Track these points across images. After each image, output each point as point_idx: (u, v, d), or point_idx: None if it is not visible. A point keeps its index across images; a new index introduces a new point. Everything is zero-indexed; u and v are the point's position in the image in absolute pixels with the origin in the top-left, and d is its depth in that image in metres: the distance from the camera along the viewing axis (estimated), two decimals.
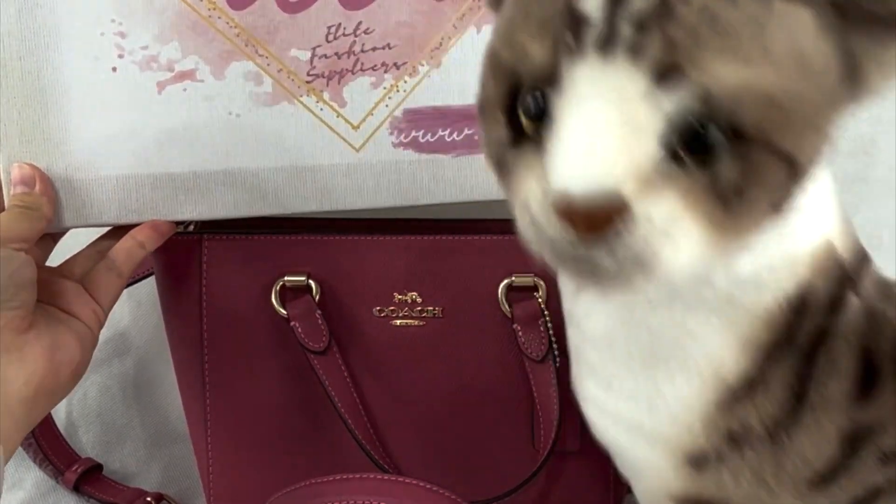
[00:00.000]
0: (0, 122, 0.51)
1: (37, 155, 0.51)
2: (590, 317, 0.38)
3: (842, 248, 0.37)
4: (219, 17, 0.52)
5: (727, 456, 0.37)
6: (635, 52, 0.28)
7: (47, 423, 0.64)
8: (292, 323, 0.55)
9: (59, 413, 0.68)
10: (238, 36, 0.52)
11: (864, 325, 0.36)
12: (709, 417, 0.36)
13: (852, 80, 0.31)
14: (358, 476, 0.50)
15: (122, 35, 0.51)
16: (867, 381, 0.36)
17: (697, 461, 0.38)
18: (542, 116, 0.30)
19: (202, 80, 0.52)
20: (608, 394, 0.39)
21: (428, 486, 0.49)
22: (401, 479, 0.51)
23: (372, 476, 0.51)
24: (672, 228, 0.29)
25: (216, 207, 0.53)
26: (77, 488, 0.64)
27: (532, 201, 0.30)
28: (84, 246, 0.54)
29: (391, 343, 0.57)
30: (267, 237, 0.57)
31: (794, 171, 0.30)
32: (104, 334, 0.52)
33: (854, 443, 0.36)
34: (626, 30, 0.28)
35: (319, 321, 0.55)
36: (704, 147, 0.28)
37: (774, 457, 0.36)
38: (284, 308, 0.56)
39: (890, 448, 0.36)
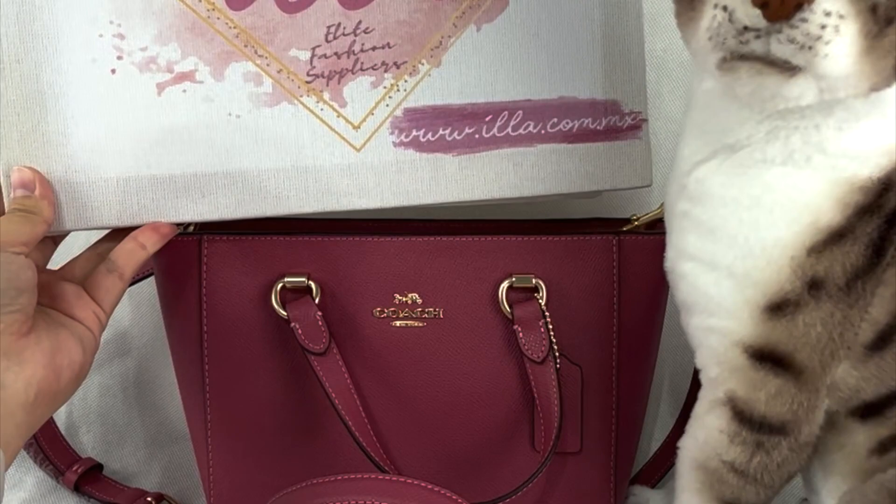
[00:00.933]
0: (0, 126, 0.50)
1: (36, 158, 0.50)
2: (705, 181, 0.43)
3: None
4: (218, 18, 0.51)
5: (805, 303, 0.41)
6: None
7: (48, 423, 0.63)
8: (292, 324, 0.54)
9: (60, 413, 0.68)
10: (237, 36, 0.51)
11: None
12: (798, 261, 0.41)
13: None
14: (360, 476, 0.50)
15: (121, 37, 0.50)
16: None
17: (777, 307, 0.42)
18: None
19: (202, 82, 0.51)
20: (709, 241, 0.43)
21: (430, 487, 0.49)
22: (402, 479, 0.50)
23: (374, 476, 0.51)
24: (841, 24, 0.34)
25: (217, 209, 0.52)
26: (77, 488, 0.63)
27: None
28: (82, 247, 0.53)
29: (391, 344, 0.56)
30: (267, 238, 0.56)
31: None
32: (105, 334, 0.52)
33: None
34: None
35: (319, 322, 0.55)
36: None
37: (846, 309, 0.41)
38: (284, 309, 0.55)
39: None
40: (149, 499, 0.61)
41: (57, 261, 0.52)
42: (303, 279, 0.55)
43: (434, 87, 0.52)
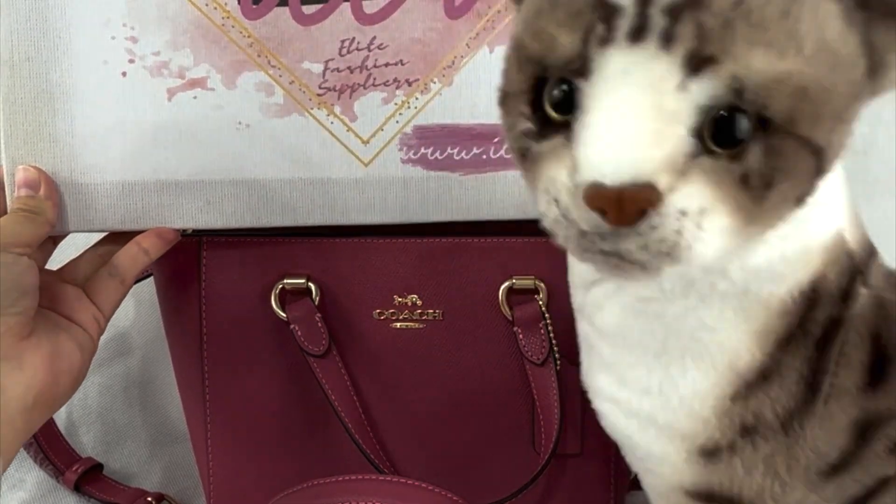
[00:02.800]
0: (6, 124, 0.48)
1: (42, 157, 0.49)
2: (602, 310, 0.37)
3: (852, 240, 0.36)
4: (232, 27, 0.49)
5: (740, 448, 0.36)
6: (667, 40, 0.27)
7: (48, 423, 0.62)
8: (292, 326, 0.53)
9: (60, 413, 0.67)
10: (251, 46, 0.49)
11: (874, 315, 0.35)
12: (723, 409, 0.35)
13: (875, 73, 0.30)
14: (360, 477, 0.49)
15: (134, 40, 0.49)
16: (877, 371, 0.35)
17: (710, 453, 0.36)
18: (569, 107, 0.29)
19: (213, 89, 0.49)
20: (621, 387, 0.38)
21: (430, 487, 0.48)
22: (402, 480, 0.49)
23: (374, 477, 0.50)
24: (703, 219, 0.28)
25: (221, 217, 0.51)
26: (78, 488, 0.62)
27: (562, 192, 0.29)
28: (79, 245, 0.51)
29: (391, 346, 0.55)
30: (266, 239, 0.54)
31: (820, 162, 0.29)
32: (105, 334, 0.50)
33: (865, 432, 0.35)
34: (658, 18, 0.27)
35: (319, 324, 0.53)
36: (733, 138, 0.28)
37: (787, 448, 0.36)
38: (284, 311, 0.54)
39: None
40: (149, 499, 0.60)
41: (55, 260, 0.50)
42: (302, 280, 0.54)
43: (444, 106, 0.51)
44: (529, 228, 0.55)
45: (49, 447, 0.62)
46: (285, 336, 0.54)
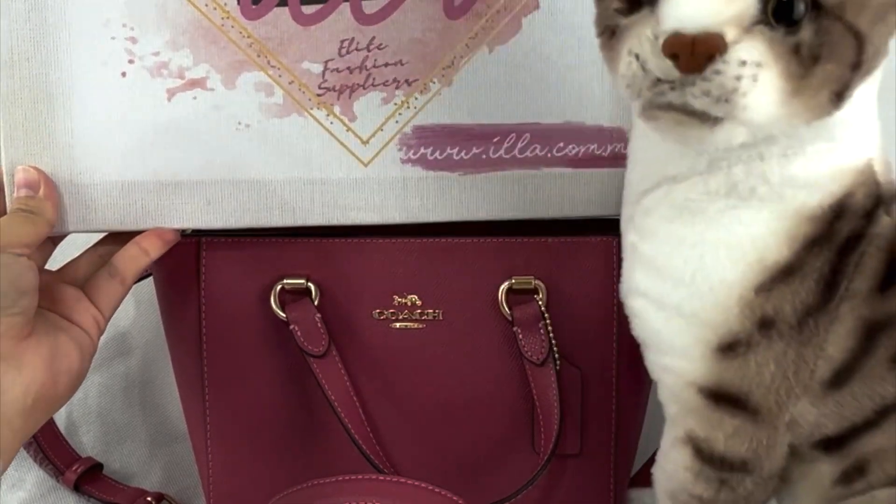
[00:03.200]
0: (5, 124, 0.48)
1: (42, 158, 0.48)
2: (650, 214, 0.40)
3: (880, 171, 0.39)
4: (232, 27, 0.49)
5: (756, 343, 0.38)
6: None
7: (48, 422, 0.61)
8: (291, 326, 0.53)
9: (60, 413, 0.65)
10: (251, 46, 0.49)
11: (891, 237, 0.38)
12: (747, 300, 0.38)
13: None
14: (360, 477, 0.49)
15: (133, 40, 0.48)
16: (889, 279, 0.38)
17: (728, 347, 0.39)
18: None
19: (212, 89, 0.49)
20: (656, 279, 0.40)
21: (430, 488, 0.48)
22: (401, 480, 0.49)
23: (374, 477, 0.50)
24: (759, 72, 0.32)
25: (221, 216, 0.50)
26: (77, 488, 0.61)
27: (644, 44, 0.33)
28: (78, 244, 0.51)
29: (391, 346, 0.54)
30: (266, 240, 0.54)
31: (860, 53, 0.33)
32: (105, 334, 0.50)
33: (871, 335, 0.38)
34: None
35: (319, 324, 0.53)
36: (790, 17, 0.32)
37: (799, 347, 0.38)
38: (284, 311, 0.53)
39: None
40: (149, 498, 0.60)
41: (55, 260, 0.50)
42: (302, 281, 0.53)
43: (444, 106, 0.50)
44: (529, 228, 0.55)
45: (49, 447, 0.62)
46: (285, 336, 0.53)
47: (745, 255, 0.38)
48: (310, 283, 0.54)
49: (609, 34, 0.36)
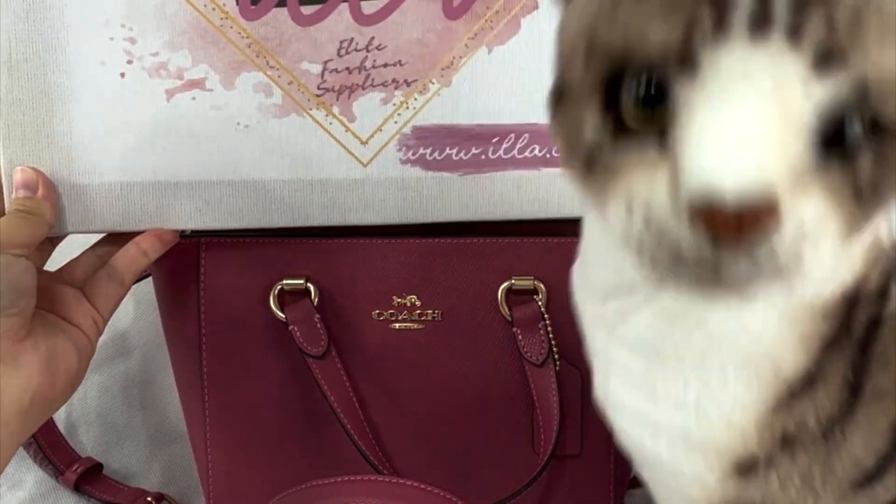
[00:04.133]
0: (4, 125, 0.47)
1: (40, 158, 0.48)
2: (627, 321, 0.34)
3: (884, 238, 0.34)
4: (231, 27, 0.48)
5: (778, 460, 0.33)
6: (794, 32, 0.24)
7: (47, 422, 0.61)
8: (291, 327, 0.52)
9: (60, 413, 0.66)
10: (250, 47, 0.48)
11: None
12: (765, 421, 0.33)
13: None
14: (359, 478, 0.48)
15: (132, 41, 0.48)
16: None
17: (746, 468, 0.34)
18: (654, 104, 0.25)
19: (211, 90, 0.48)
20: (650, 403, 0.34)
21: (429, 488, 0.47)
22: (401, 480, 0.48)
23: (374, 478, 0.49)
24: (819, 230, 0.25)
25: (220, 218, 0.50)
26: (77, 488, 0.61)
27: (654, 201, 0.25)
28: (77, 245, 0.51)
29: (390, 347, 0.54)
30: (265, 240, 0.53)
31: None
32: (105, 334, 0.49)
33: None
34: (781, 8, 0.23)
35: (318, 325, 0.53)
36: (846, 146, 0.25)
37: (826, 458, 0.33)
38: (283, 312, 0.53)
39: None
40: (149, 498, 0.59)
41: (53, 260, 0.50)
42: (301, 281, 0.53)
43: (443, 107, 0.50)
44: (529, 228, 0.54)
45: (49, 447, 0.61)
46: (284, 337, 0.53)
47: (758, 371, 0.32)
48: (309, 284, 0.53)
49: (585, 164, 0.27)
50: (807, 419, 0.32)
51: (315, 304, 0.53)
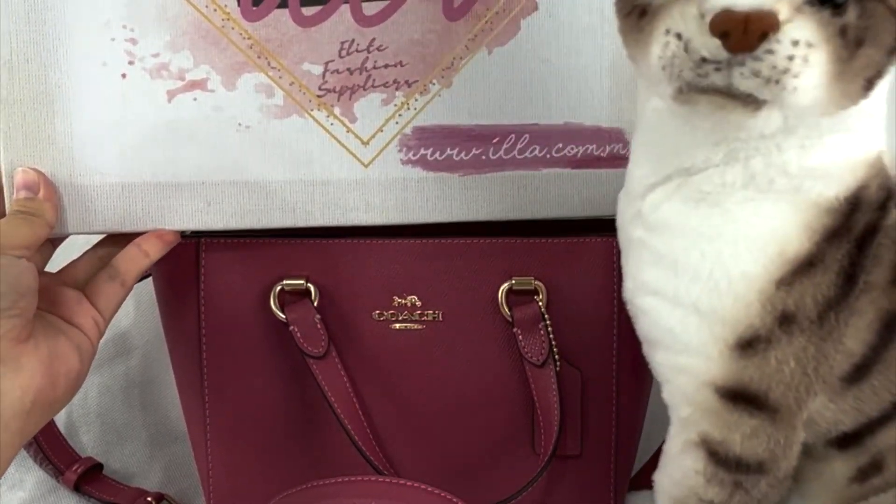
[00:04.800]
0: (5, 125, 0.47)
1: (41, 159, 0.48)
2: (660, 209, 0.39)
3: (888, 165, 0.39)
4: (232, 28, 0.48)
5: (776, 338, 0.37)
6: None
7: (47, 423, 0.59)
8: (291, 327, 0.52)
9: (60, 413, 0.62)
10: (251, 48, 0.48)
11: None
12: (768, 294, 0.37)
13: None
14: (359, 478, 0.48)
15: (134, 41, 0.48)
16: None
17: (747, 344, 0.37)
18: None
19: (213, 91, 0.48)
20: (671, 275, 0.38)
21: (429, 489, 0.47)
22: (401, 481, 0.48)
23: (373, 478, 0.49)
24: (810, 52, 0.30)
25: (222, 218, 0.50)
26: (77, 488, 0.60)
27: (688, 23, 0.31)
28: (77, 245, 0.50)
29: (390, 347, 0.54)
30: (265, 240, 0.53)
31: None
32: (104, 335, 0.49)
33: (890, 327, 0.37)
34: None
35: (318, 325, 0.52)
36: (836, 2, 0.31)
37: (820, 342, 0.37)
38: (283, 312, 0.53)
39: None
40: (149, 499, 0.59)
41: (54, 260, 0.49)
42: (301, 282, 0.53)
43: (444, 107, 0.50)
44: (529, 229, 0.54)
45: (49, 447, 0.61)
46: (284, 337, 0.53)
47: (765, 247, 0.37)
48: (309, 284, 0.53)
49: (638, 14, 0.34)
50: (805, 298, 0.37)
51: (315, 304, 0.53)
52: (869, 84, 0.34)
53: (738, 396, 0.38)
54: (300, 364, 0.53)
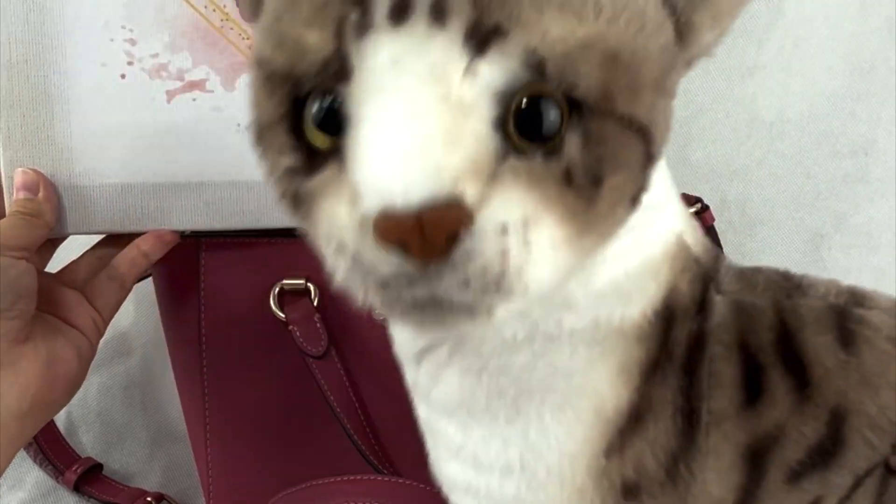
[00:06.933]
0: (4, 126, 0.47)
1: (41, 160, 0.47)
2: (439, 382, 0.31)
3: (693, 244, 0.31)
4: (231, 28, 0.48)
5: None
6: (439, 14, 0.21)
7: (47, 423, 0.59)
8: (291, 327, 0.52)
9: (59, 413, 0.63)
10: (250, 48, 0.48)
11: (736, 322, 0.30)
12: (599, 470, 0.29)
13: (684, 39, 0.25)
14: (359, 477, 0.48)
15: (133, 42, 0.48)
16: (753, 384, 0.29)
17: None
18: (339, 124, 0.23)
19: (212, 91, 0.48)
20: (477, 472, 0.31)
21: (429, 489, 0.46)
22: (401, 480, 0.48)
23: (373, 477, 0.49)
24: (529, 233, 0.22)
25: (221, 218, 0.50)
26: (77, 488, 0.60)
27: (345, 232, 0.22)
28: (77, 246, 0.50)
29: (391, 347, 0.53)
30: (265, 240, 0.53)
31: (648, 145, 0.24)
32: (105, 334, 0.49)
33: (757, 460, 0.30)
34: None
35: (318, 325, 0.52)
36: (543, 130, 0.22)
37: (680, 502, 0.30)
38: (283, 312, 0.53)
39: (795, 458, 0.29)
40: (149, 499, 0.59)
41: (54, 261, 0.49)
42: (301, 281, 0.53)
43: None
44: None
45: (49, 447, 0.61)
46: (284, 337, 0.53)
47: (578, 413, 0.29)
48: (309, 284, 0.53)
49: (291, 200, 0.25)
50: (644, 460, 0.29)
51: (315, 303, 0.53)
52: (633, 202, 0.25)
53: None
54: (300, 364, 0.53)
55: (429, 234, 0.21)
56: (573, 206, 0.23)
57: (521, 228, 0.22)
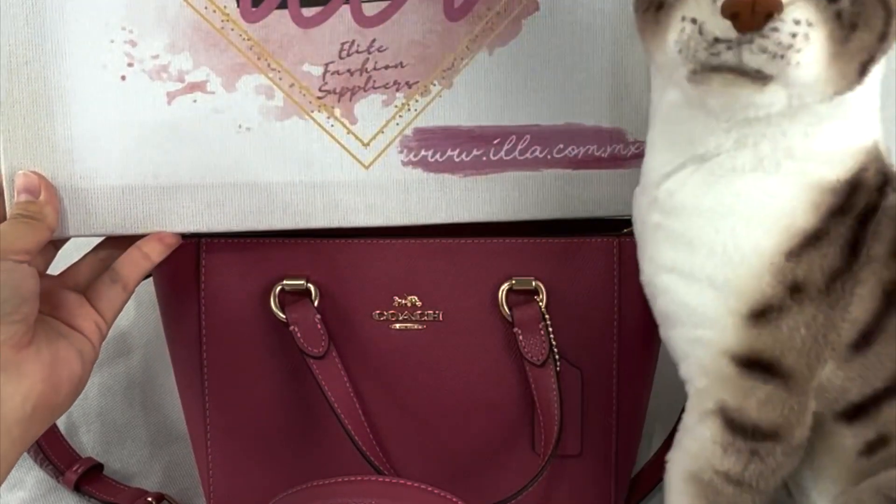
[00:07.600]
0: (5, 128, 0.47)
1: (41, 162, 0.47)
2: (675, 194, 0.42)
3: (883, 150, 0.42)
4: (232, 29, 0.48)
5: (787, 308, 0.40)
6: None
7: None
8: (291, 327, 0.52)
9: None
10: (251, 49, 0.48)
11: None
12: (778, 266, 0.40)
13: None
14: (359, 478, 0.49)
15: (133, 43, 0.48)
16: None
17: (761, 312, 0.40)
18: None
19: (213, 92, 0.48)
20: (687, 252, 0.41)
21: (429, 489, 0.47)
22: (401, 481, 0.48)
23: (373, 478, 0.49)
24: (810, 32, 0.34)
25: (222, 220, 0.50)
26: (78, 488, 0.60)
27: (702, 8, 0.35)
28: (77, 246, 0.50)
29: (391, 347, 0.54)
30: (265, 241, 0.53)
31: (887, 24, 0.36)
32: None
33: (892, 297, 0.40)
34: None
35: (318, 325, 0.52)
36: None
37: (828, 311, 0.40)
38: (283, 312, 0.53)
39: None
40: (149, 499, 0.58)
41: (55, 263, 0.49)
42: (301, 282, 0.53)
43: (444, 108, 0.50)
44: (529, 229, 0.54)
45: (49, 447, 0.60)
46: (285, 337, 0.53)
47: (775, 222, 0.40)
48: (309, 284, 0.53)
49: (655, 8, 0.38)
50: (813, 269, 0.40)
51: (315, 304, 0.53)
52: (863, 69, 0.37)
53: (753, 364, 0.41)
54: (300, 364, 0.53)
55: (756, 10, 0.33)
56: (836, 35, 0.35)
57: (806, 25, 0.34)
